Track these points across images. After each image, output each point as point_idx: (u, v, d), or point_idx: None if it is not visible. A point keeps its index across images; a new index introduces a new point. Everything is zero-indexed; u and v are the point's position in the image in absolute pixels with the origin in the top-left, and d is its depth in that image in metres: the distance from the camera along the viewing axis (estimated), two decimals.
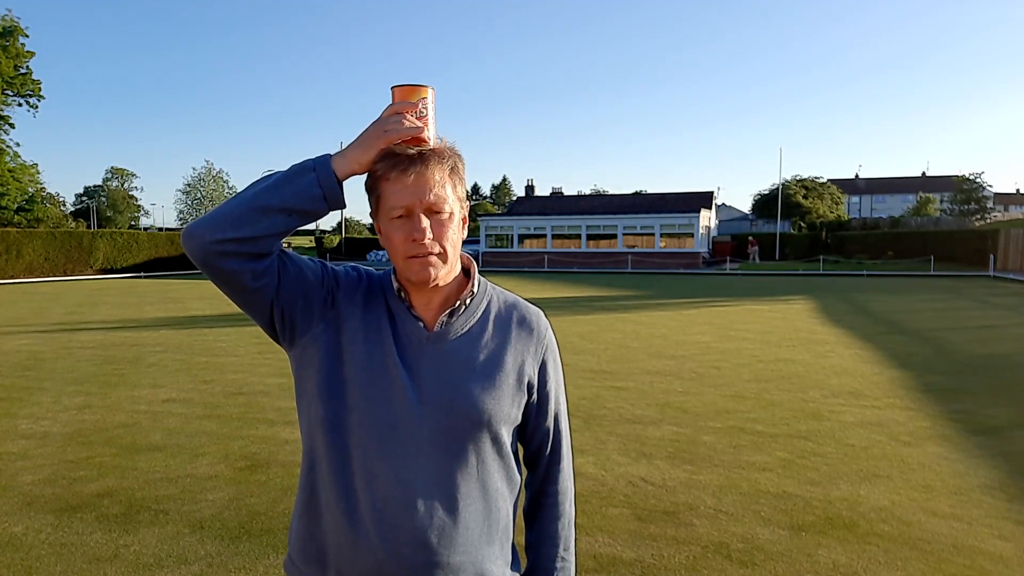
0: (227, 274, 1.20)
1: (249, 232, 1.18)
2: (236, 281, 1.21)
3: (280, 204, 1.20)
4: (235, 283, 1.22)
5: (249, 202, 1.19)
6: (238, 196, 1.21)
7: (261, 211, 1.18)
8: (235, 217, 1.18)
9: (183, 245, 1.21)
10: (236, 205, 1.19)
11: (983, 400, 6.93)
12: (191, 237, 1.19)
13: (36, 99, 43.31)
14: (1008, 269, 30.87)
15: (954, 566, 3.47)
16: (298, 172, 1.22)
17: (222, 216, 1.18)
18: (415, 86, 1.26)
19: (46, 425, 6.08)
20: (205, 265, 1.20)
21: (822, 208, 53.01)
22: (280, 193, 1.20)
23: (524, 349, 1.38)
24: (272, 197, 1.20)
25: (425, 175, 1.24)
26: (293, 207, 1.20)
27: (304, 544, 1.33)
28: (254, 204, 1.19)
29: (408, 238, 1.25)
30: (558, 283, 27.11)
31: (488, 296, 1.40)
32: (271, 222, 1.19)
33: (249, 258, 1.20)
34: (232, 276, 1.20)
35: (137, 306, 18.07)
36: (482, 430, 1.30)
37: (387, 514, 1.24)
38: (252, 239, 1.18)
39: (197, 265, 1.22)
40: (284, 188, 1.20)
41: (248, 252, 1.19)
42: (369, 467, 1.26)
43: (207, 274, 1.22)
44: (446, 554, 1.26)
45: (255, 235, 1.18)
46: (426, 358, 1.30)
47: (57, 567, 3.48)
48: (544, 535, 1.45)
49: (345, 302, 1.32)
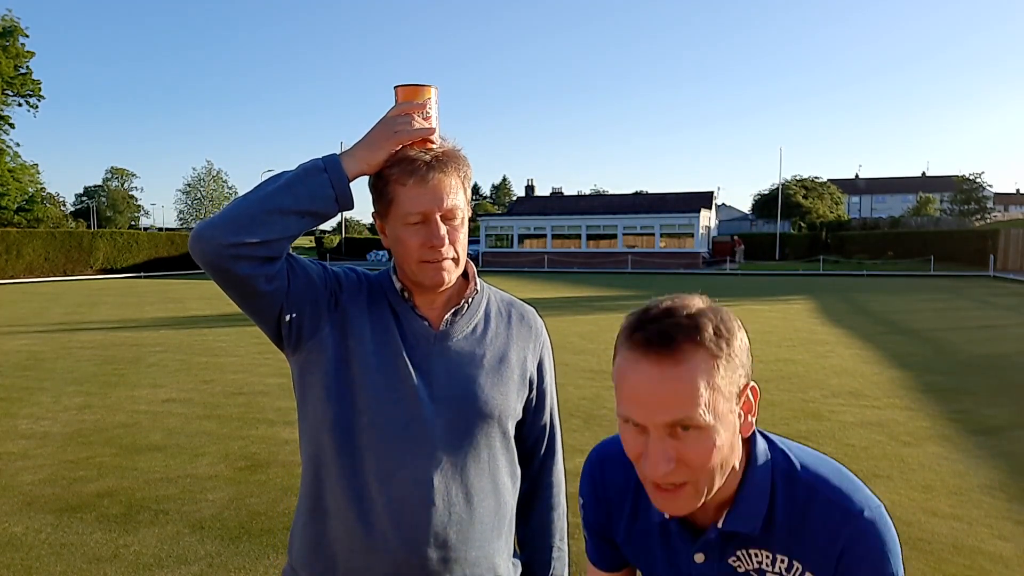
0: (239, 278, 1.17)
1: (263, 235, 1.15)
2: (248, 285, 1.18)
3: (294, 206, 1.17)
4: (247, 287, 1.18)
5: (262, 204, 1.15)
6: (248, 197, 1.18)
7: (275, 213, 1.15)
8: (248, 219, 1.14)
9: (191, 248, 1.16)
10: (248, 207, 1.15)
11: (983, 400, 6.92)
12: (201, 240, 1.14)
13: (36, 99, 43.36)
14: (1008, 269, 30.87)
15: (954, 566, 3.47)
16: (309, 172, 1.19)
17: (234, 218, 1.14)
18: (419, 86, 1.25)
19: (46, 425, 6.09)
20: (216, 269, 1.16)
21: (822, 208, 53.02)
22: (293, 194, 1.17)
23: (525, 345, 1.40)
24: (285, 199, 1.17)
25: (444, 182, 1.24)
26: (306, 209, 1.18)
27: (310, 554, 1.30)
28: (267, 206, 1.15)
29: (426, 244, 1.24)
30: (558, 283, 27.12)
31: (487, 295, 1.42)
32: (285, 224, 1.17)
33: (262, 262, 1.17)
34: (245, 280, 1.17)
35: (137, 306, 18.07)
36: (492, 425, 1.32)
37: (405, 514, 1.24)
38: (266, 242, 1.15)
39: (206, 269, 1.17)
40: (297, 189, 1.18)
41: (261, 256, 1.16)
42: (383, 468, 1.25)
43: (216, 278, 1.18)
44: (464, 549, 1.27)
45: (269, 238, 1.15)
46: (435, 356, 1.30)
47: (57, 567, 3.48)
48: (541, 526, 1.48)
49: (350, 303, 1.31)
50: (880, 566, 0.93)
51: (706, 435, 0.92)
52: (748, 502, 1.00)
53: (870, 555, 0.94)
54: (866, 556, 0.94)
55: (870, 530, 0.94)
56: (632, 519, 1.12)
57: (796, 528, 0.98)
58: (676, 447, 0.92)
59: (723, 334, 0.93)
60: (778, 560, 0.99)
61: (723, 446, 0.93)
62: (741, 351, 0.95)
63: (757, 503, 1.00)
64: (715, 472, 0.95)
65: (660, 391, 0.91)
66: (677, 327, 0.91)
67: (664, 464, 0.92)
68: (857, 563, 0.93)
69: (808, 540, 0.96)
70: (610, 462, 1.15)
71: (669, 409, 0.90)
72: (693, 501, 0.96)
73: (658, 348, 0.91)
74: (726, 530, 1.01)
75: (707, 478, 0.94)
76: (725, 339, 0.93)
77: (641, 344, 0.92)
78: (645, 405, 0.92)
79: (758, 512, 0.99)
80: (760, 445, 1.03)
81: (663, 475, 0.92)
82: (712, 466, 0.93)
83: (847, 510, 0.95)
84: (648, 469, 0.93)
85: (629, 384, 0.94)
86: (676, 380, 0.90)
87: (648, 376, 0.91)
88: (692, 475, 0.93)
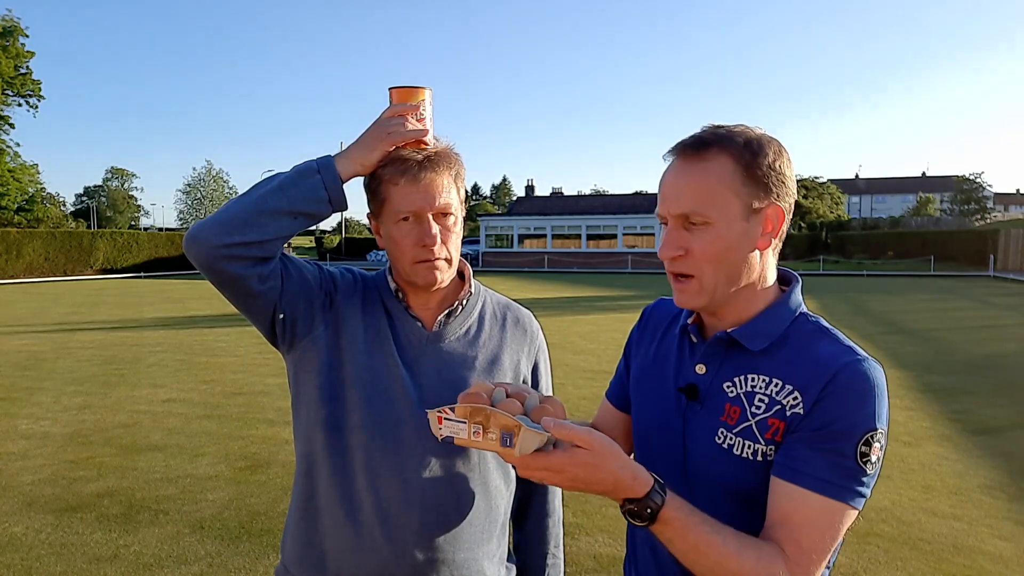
0: (233, 278, 1.18)
1: (257, 236, 1.16)
2: (242, 285, 1.19)
3: (287, 207, 1.18)
4: (240, 287, 1.20)
5: (255, 205, 1.16)
6: (242, 199, 1.19)
7: (268, 214, 1.16)
8: (241, 221, 1.15)
9: (186, 249, 1.18)
10: (241, 208, 1.16)
11: (983, 400, 6.93)
12: (195, 241, 1.16)
13: (36, 99, 43.33)
14: (1008, 269, 30.87)
15: (954, 566, 3.47)
16: (303, 174, 1.20)
17: (228, 220, 1.15)
18: (414, 88, 1.25)
19: (46, 425, 6.08)
20: (210, 269, 1.17)
21: (822, 208, 53.03)
22: (286, 196, 1.18)
23: (519, 349, 1.40)
24: (279, 200, 1.18)
25: (436, 181, 1.25)
26: (299, 210, 1.19)
27: (301, 551, 1.31)
28: (260, 207, 1.16)
29: (418, 243, 1.25)
30: (558, 283, 27.11)
31: (482, 298, 1.42)
32: (278, 225, 1.17)
33: (255, 262, 1.18)
34: (238, 280, 1.18)
35: (137, 306, 18.06)
36: None
37: (392, 514, 1.24)
38: (259, 243, 1.16)
39: (200, 269, 1.19)
40: (290, 191, 1.19)
41: (254, 256, 1.17)
42: (372, 467, 1.25)
43: (211, 278, 1.19)
44: (451, 551, 1.27)
45: (262, 239, 1.16)
46: (426, 357, 1.31)
47: (57, 567, 3.48)
48: (536, 532, 1.47)
49: (344, 303, 1.32)
50: (862, 401, 0.97)
51: (713, 232, 1.01)
52: (763, 323, 1.07)
53: (856, 386, 0.97)
54: (852, 385, 0.97)
55: (865, 369, 0.98)
56: (663, 335, 1.22)
57: (798, 355, 1.03)
58: (685, 238, 1.03)
59: (754, 148, 1.01)
60: (772, 383, 1.03)
61: (729, 248, 1.02)
62: (773, 172, 1.02)
63: (771, 327, 1.06)
64: (719, 271, 1.03)
65: (679, 184, 1.03)
66: (712, 135, 1.02)
67: (671, 249, 1.03)
68: (844, 388, 0.97)
69: (806, 364, 1.01)
70: (665, 301, 1.27)
71: (682, 201, 1.02)
72: (699, 297, 1.05)
73: (689, 149, 1.02)
74: (733, 335, 1.06)
75: (711, 274, 1.03)
76: (754, 152, 1.01)
77: (678, 147, 1.04)
78: (666, 198, 1.04)
79: (768, 334, 1.06)
80: (797, 295, 1.11)
81: (669, 258, 1.04)
82: (715, 263, 1.02)
83: (850, 350, 1.01)
84: (660, 252, 1.06)
85: (663, 182, 1.06)
86: (694, 175, 1.01)
87: (674, 171, 1.04)
88: (697, 268, 1.03)
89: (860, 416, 0.96)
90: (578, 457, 0.90)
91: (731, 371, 1.07)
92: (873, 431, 0.96)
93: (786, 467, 0.98)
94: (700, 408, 1.08)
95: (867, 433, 0.96)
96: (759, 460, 1.01)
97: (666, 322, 1.23)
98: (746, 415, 1.03)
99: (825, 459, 0.96)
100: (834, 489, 0.95)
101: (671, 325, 1.22)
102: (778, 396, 1.01)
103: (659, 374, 1.17)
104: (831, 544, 0.96)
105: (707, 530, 0.94)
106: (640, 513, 0.92)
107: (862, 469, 0.96)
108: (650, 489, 0.92)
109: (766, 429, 1.01)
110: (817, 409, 0.97)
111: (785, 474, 0.98)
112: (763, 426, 1.01)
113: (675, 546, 0.95)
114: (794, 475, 0.97)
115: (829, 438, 0.96)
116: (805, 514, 0.95)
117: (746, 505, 1.02)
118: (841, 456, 0.95)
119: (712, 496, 1.01)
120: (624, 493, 0.92)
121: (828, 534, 0.96)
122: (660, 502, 0.92)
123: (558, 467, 0.90)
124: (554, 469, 0.90)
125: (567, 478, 0.91)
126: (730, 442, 1.04)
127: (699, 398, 1.08)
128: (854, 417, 0.96)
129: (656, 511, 0.92)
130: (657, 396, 1.16)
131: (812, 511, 0.95)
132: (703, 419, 1.07)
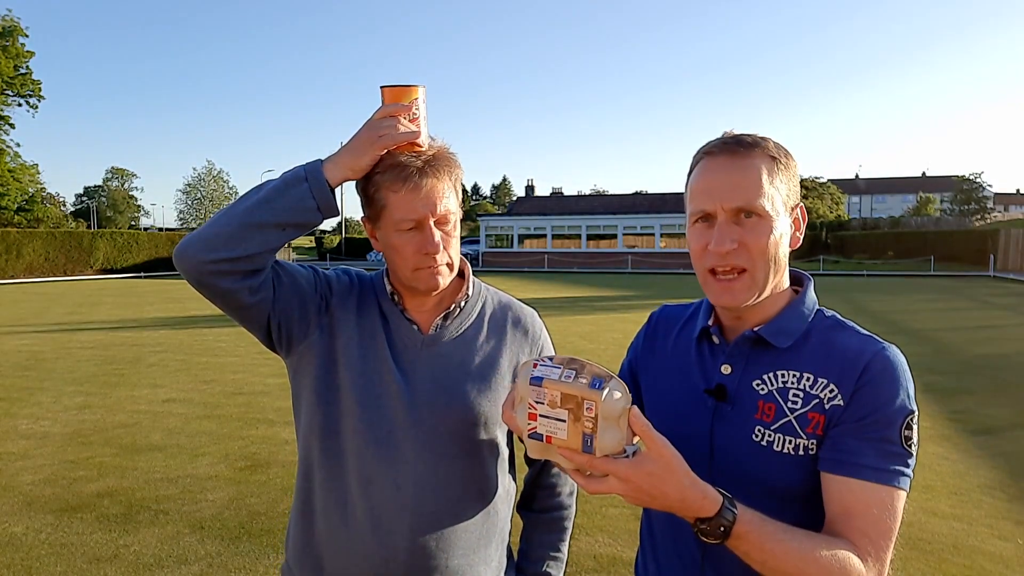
0: (223, 292, 1.16)
1: (243, 251, 1.13)
2: (233, 299, 1.17)
3: (273, 219, 1.15)
4: (231, 300, 1.18)
5: (240, 219, 1.13)
6: (228, 211, 1.15)
7: (254, 227, 1.13)
8: (227, 236, 1.12)
9: (176, 264, 1.16)
10: (227, 222, 1.13)
11: (983, 400, 6.93)
12: (183, 258, 1.14)
13: (36, 99, 43.26)
14: (1008, 269, 30.86)
15: (954, 566, 3.47)
16: (290, 183, 1.17)
17: (214, 235, 1.13)
18: (406, 86, 1.21)
19: (46, 425, 6.09)
20: (200, 284, 1.16)
21: (822, 208, 53.01)
22: (272, 208, 1.15)
23: (519, 350, 1.37)
24: (265, 212, 1.14)
25: (436, 187, 1.22)
26: (287, 222, 1.16)
27: (300, 551, 1.31)
28: (247, 220, 1.13)
29: (420, 250, 1.23)
30: (558, 283, 27.10)
31: (483, 298, 1.39)
32: (264, 238, 1.14)
33: (244, 275, 1.16)
34: (228, 294, 1.16)
35: (137, 306, 18.05)
36: (478, 432, 1.29)
37: (384, 519, 1.23)
38: (246, 257, 1.13)
39: (191, 284, 1.17)
40: (277, 202, 1.15)
41: (243, 270, 1.15)
42: (365, 472, 1.24)
43: (202, 292, 1.17)
44: (444, 558, 1.25)
45: (249, 253, 1.13)
46: (421, 361, 1.29)
47: (57, 567, 3.48)
48: (537, 532, 1.46)
49: (339, 307, 1.31)
50: (896, 386, 1.00)
51: (766, 224, 1.03)
52: (786, 320, 1.10)
53: (889, 373, 1.01)
54: (885, 373, 1.01)
55: (892, 355, 1.03)
56: (678, 336, 1.23)
57: (825, 349, 1.06)
58: (739, 232, 1.03)
59: (783, 150, 1.08)
60: (804, 378, 1.05)
61: (779, 243, 1.05)
62: (796, 174, 1.09)
63: (795, 323, 1.10)
64: (770, 265, 1.05)
65: (730, 178, 1.04)
66: (748, 137, 1.08)
67: (726, 242, 1.03)
68: (878, 376, 1.01)
69: (836, 357, 1.04)
70: (672, 305, 1.31)
71: (736, 194, 1.03)
72: (748, 293, 1.05)
73: (731, 146, 1.06)
74: (760, 333, 1.08)
75: (763, 268, 1.04)
76: (784, 154, 1.08)
77: (717, 146, 1.07)
78: (716, 191, 1.05)
79: (792, 331, 1.09)
80: (813, 293, 1.15)
81: (725, 252, 1.03)
82: (768, 256, 1.04)
83: (872, 339, 1.06)
84: (713, 245, 1.04)
85: (704, 179, 1.07)
86: (745, 169, 1.04)
87: (721, 165, 1.05)
88: (751, 261, 1.04)
89: (898, 402, 0.99)
90: (645, 467, 0.88)
91: (759, 369, 1.08)
92: (911, 413, 1.00)
93: (837, 461, 0.99)
94: (731, 408, 1.09)
95: (907, 416, 0.99)
96: (800, 455, 1.03)
97: (677, 327, 1.24)
98: (783, 411, 1.04)
99: (873, 447, 0.98)
100: (887, 475, 0.98)
101: (682, 330, 1.22)
102: (813, 390, 1.03)
103: (678, 377, 1.17)
104: (895, 529, 0.98)
105: (782, 537, 0.93)
106: (713, 532, 0.91)
107: (908, 451, 0.99)
108: (721, 506, 0.91)
109: (807, 423, 1.03)
110: (856, 400, 1.00)
111: (837, 468, 0.99)
112: (803, 420, 1.03)
113: (752, 558, 0.93)
114: (847, 468, 0.98)
115: (874, 426, 0.99)
116: (866, 505, 0.97)
117: (786, 501, 1.03)
118: (888, 443, 0.98)
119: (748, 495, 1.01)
120: (695, 513, 0.91)
121: (891, 520, 0.98)
122: (732, 518, 0.91)
123: (624, 476, 0.88)
124: (620, 477, 0.88)
125: (632, 488, 0.89)
126: (769, 438, 1.04)
127: (728, 398, 1.09)
128: (893, 403, 0.99)
129: (729, 528, 0.91)
130: (677, 399, 1.15)
131: (872, 501, 0.97)
132: (735, 419, 1.08)
